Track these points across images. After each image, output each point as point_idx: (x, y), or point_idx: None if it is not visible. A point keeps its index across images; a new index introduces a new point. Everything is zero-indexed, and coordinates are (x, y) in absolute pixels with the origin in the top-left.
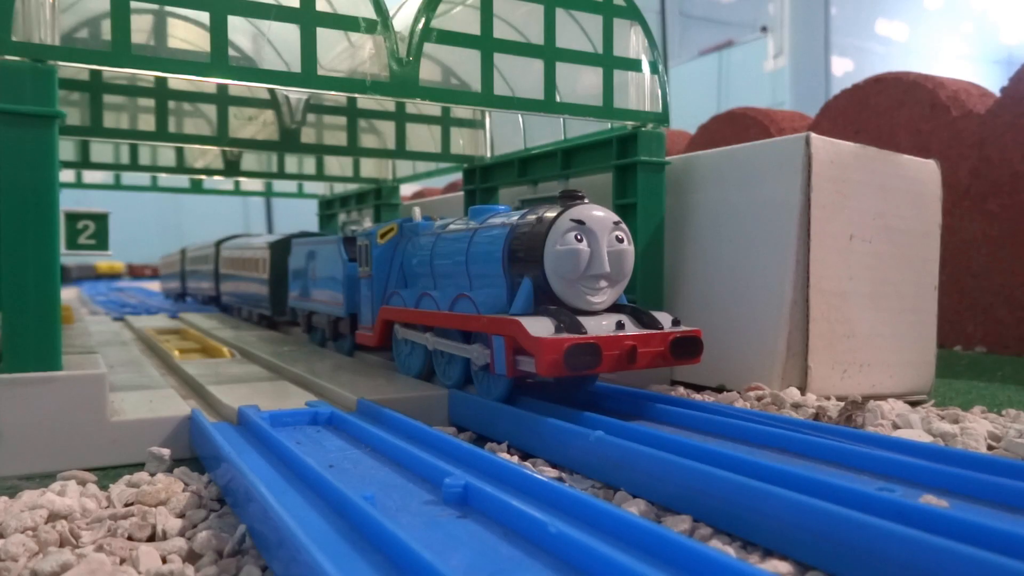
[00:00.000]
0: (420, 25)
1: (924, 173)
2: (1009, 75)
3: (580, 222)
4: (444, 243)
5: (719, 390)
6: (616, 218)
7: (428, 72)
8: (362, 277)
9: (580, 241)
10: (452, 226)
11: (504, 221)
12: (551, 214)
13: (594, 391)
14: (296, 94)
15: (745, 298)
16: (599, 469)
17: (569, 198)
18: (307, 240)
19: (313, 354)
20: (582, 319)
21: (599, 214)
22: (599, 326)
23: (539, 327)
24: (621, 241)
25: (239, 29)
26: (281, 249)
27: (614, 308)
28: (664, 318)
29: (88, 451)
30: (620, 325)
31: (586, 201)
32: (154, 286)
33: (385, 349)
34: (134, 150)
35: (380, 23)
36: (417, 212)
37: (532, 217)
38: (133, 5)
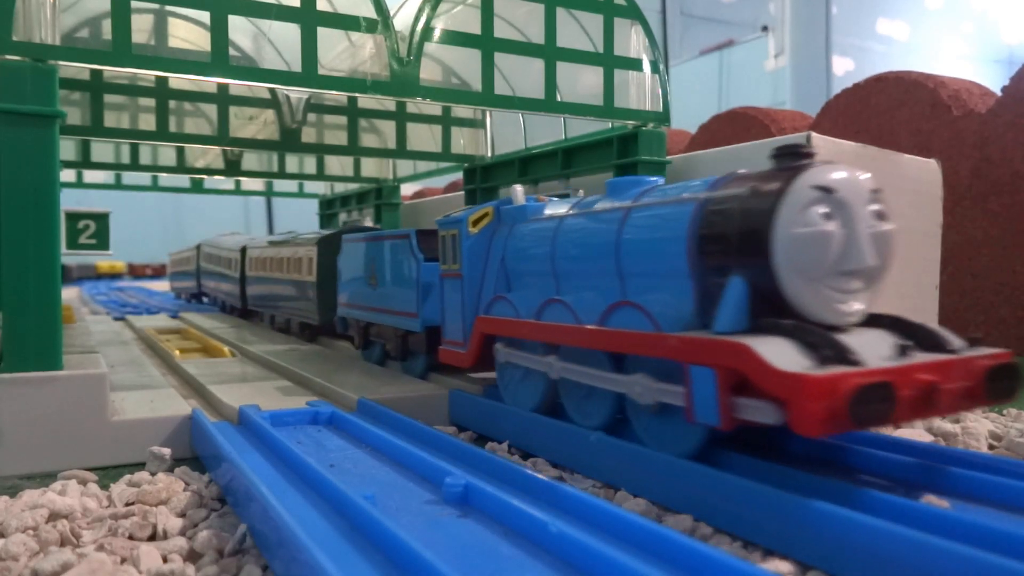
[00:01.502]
0: (421, 24)
1: (925, 173)
2: (1010, 74)
3: (827, 190)
4: (574, 231)
5: None
6: (872, 183)
7: (429, 72)
8: (446, 277)
9: (830, 219)
10: (579, 207)
11: (683, 195)
12: (774, 183)
13: (811, 439)
14: (297, 94)
15: None
16: (599, 469)
17: (794, 155)
18: (364, 235)
19: (314, 354)
20: (842, 340)
21: (848, 176)
22: (873, 351)
23: (784, 354)
24: (882, 218)
25: (240, 29)
26: (331, 246)
27: (868, 321)
28: (947, 335)
29: (89, 451)
30: (902, 350)
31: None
32: (155, 286)
33: (477, 370)
34: (135, 150)
35: (381, 22)
36: (519, 191)
37: (740, 187)
38: (134, 5)
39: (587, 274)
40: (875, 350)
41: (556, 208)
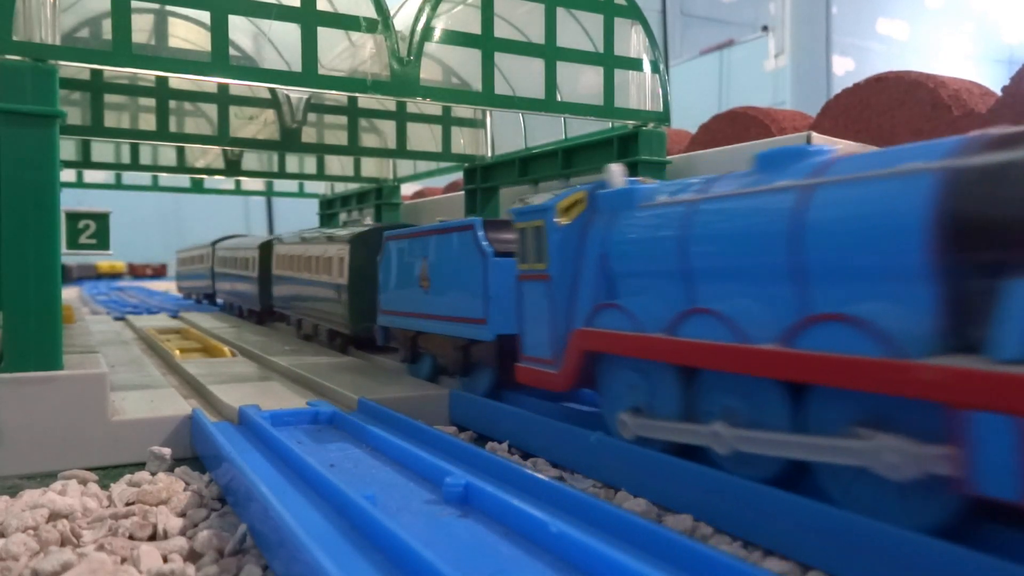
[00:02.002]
0: (421, 24)
1: None
2: (1010, 74)
3: None
4: (721, 217)
5: None
6: None
7: (429, 71)
8: (528, 279)
9: None
10: (720, 187)
11: (909, 165)
12: None
13: None
14: (297, 93)
15: None
16: (599, 469)
17: None
18: (412, 231)
19: (315, 354)
20: None
21: None
22: None
23: None
24: None
25: (240, 28)
26: (367, 244)
27: None
28: None
29: (89, 450)
30: None
31: None
32: (156, 286)
33: (572, 390)
34: (135, 150)
35: (381, 22)
36: (618, 172)
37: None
38: (134, 4)
39: (744, 274)
40: None
41: (680, 189)
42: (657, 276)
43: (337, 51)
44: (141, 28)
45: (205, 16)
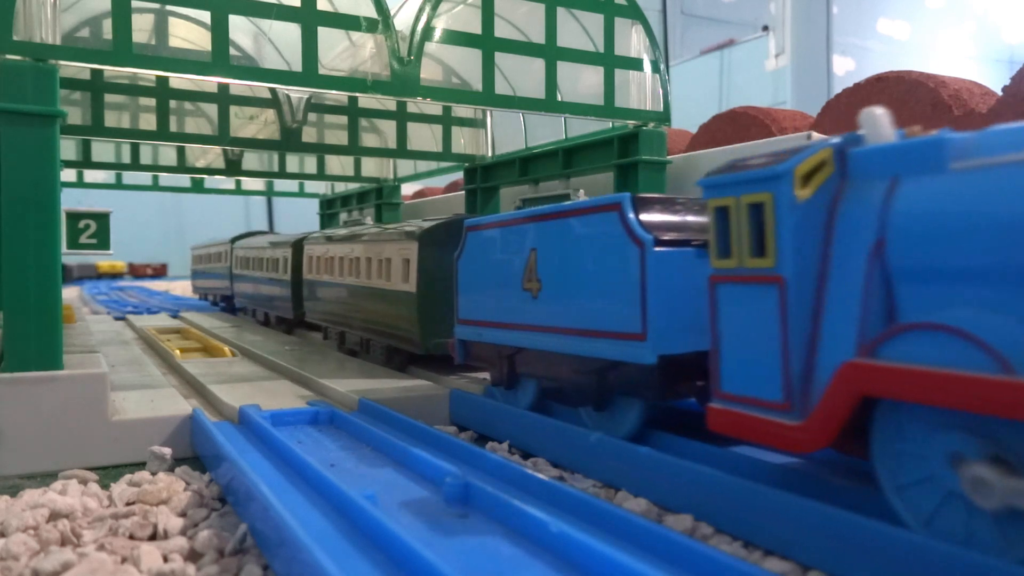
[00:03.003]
0: (421, 24)
1: None
2: (1011, 74)
3: None
4: None
5: None
6: None
7: (429, 71)
8: (734, 281)
9: None
10: None
11: None
12: None
13: None
14: (297, 93)
15: None
16: (599, 469)
17: None
18: (510, 216)
19: (315, 353)
20: None
21: None
22: None
23: None
24: None
25: (240, 28)
26: (441, 241)
27: None
28: None
29: (89, 450)
30: None
31: None
32: (156, 285)
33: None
34: (135, 149)
35: (381, 22)
36: (884, 117)
37: None
38: (134, 4)
39: None
40: None
41: None
42: (1007, 276)
43: (337, 51)
44: (141, 28)
45: (205, 16)
